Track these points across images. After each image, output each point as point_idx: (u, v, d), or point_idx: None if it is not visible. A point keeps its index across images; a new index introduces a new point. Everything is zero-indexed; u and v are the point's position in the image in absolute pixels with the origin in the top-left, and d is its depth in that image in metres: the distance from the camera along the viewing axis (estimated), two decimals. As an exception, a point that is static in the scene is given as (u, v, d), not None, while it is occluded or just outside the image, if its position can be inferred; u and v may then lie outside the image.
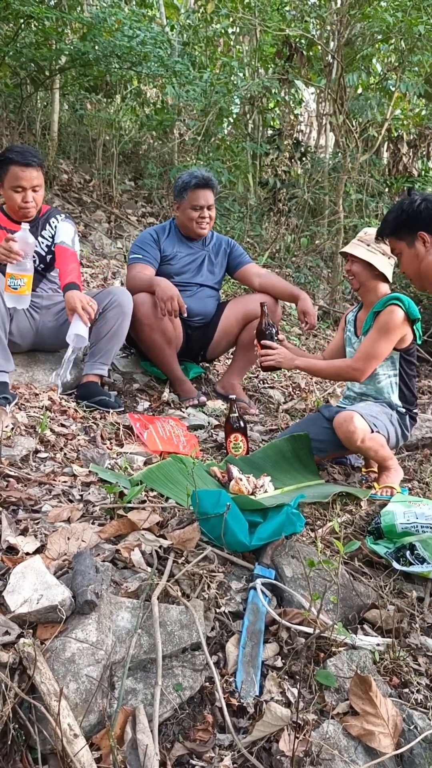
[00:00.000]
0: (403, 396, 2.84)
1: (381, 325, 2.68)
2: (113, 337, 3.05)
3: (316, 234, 7.08)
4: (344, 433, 2.56)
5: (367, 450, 2.61)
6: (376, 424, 2.62)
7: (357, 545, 1.72)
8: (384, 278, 2.82)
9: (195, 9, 7.57)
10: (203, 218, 3.46)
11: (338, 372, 2.83)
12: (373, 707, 1.48)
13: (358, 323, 2.97)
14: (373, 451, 2.62)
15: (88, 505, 2.07)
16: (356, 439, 2.54)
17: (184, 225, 3.51)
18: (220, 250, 3.65)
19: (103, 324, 3.03)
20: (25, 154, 2.87)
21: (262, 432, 3.26)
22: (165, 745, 1.37)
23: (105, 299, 3.05)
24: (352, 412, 2.57)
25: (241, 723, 1.45)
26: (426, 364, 5.59)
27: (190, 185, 3.41)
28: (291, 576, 1.88)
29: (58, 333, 3.05)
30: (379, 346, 2.68)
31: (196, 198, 3.41)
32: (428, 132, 8.08)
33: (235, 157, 7.11)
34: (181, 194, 3.44)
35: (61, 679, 1.33)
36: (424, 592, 2.04)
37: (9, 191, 2.91)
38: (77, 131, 7.07)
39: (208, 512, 1.90)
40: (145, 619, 1.53)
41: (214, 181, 3.49)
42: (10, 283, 2.76)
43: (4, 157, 2.87)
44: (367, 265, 2.80)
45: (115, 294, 3.07)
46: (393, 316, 2.66)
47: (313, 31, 7.38)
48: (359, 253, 2.78)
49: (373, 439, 2.59)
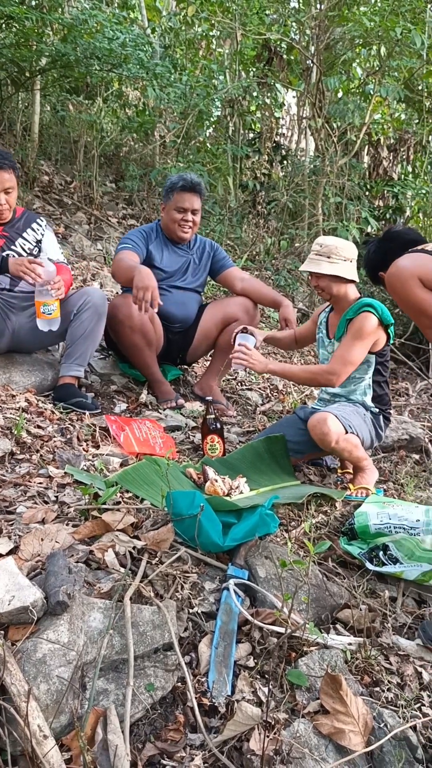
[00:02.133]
0: (376, 397, 2.87)
1: (355, 331, 2.70)
2: (88, 337, 3.05)
3: (296, 237, 7.12)
4: (318, 434, 2.58)
5: (341, 451, 2.63)
6: (350, 424, 2.64)
7: (327, 545, 1.74)
8: (351, 280, 2.84)
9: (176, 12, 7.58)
10: (186, 221, 3.42)
11: (313, 376, 2.81)
12: (343, 706, 1.49)
13: (330, 326, 2.99)
14: (348, 452, 2.64)
15: (63, 507, 2.07)
16: (330, 440, 2.56)
17: (167, 227, 3.48)
18: (204, 253, 3.64)
19: (78, 325, 3.03)
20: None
21: (239, 433, 3.27)
22: (136, 746, 1.38)
23: (79, 300, 3.05)
24: (326, 414, 2.59)
25: (213, 723, 1.46)
26: (404, 366, 5.65)
27: (177, 187, 3.38)
28: (264, 576, 1.89)
29: (34, 333, 3.05)
30: (354, 352, 2.70)
31: (182, 200, 3.38)
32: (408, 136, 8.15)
33: (216, 160, 7.13)
34: (168, 195, 3.43)
35: (32, 680, 1.33)
36: (397, 592, 2.07)
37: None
38: (58, 132, 7.04)
39: (182, 513, 1.91)
40: (118, 619, 1.53)
41: (202, 187, 3.45)
42: (43, 309, 2.88)
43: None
44: (334, 277, 2.77)
45: (89, 295, 3.07)
46: (366, 322, 2.68)
47: (293, 35, 7.42)
48: (324, 270, 2.74)
49: (348, 440, 2.61)
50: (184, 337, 3.61)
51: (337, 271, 2.74)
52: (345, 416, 2.65)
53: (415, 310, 2.04)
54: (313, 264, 2.78)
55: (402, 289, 2.03)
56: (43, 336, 3.06)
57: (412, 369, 5.53)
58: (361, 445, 2.68)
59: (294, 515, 2.38)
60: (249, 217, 7.39)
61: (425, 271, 2.01)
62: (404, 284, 2.01)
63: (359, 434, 2.67)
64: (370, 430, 2.78)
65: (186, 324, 3.57)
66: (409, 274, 2.01)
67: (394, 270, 2.06)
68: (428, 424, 3.94)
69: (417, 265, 2.03)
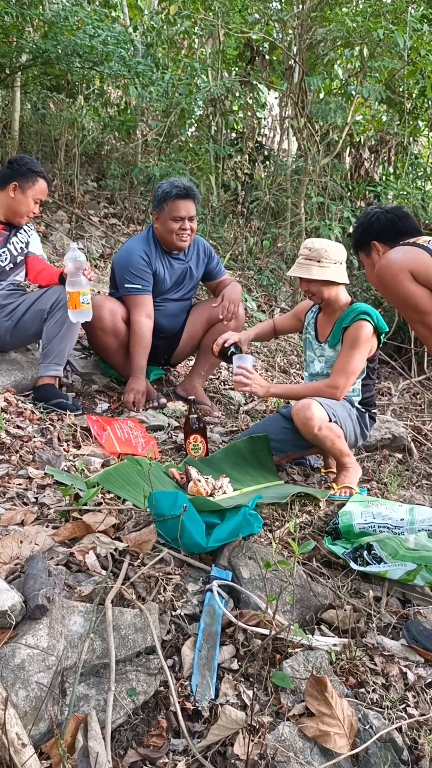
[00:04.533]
0: (364, 399, 2.86)
1: (352, 340, 2.69)
2: (64, 337, 3.00)
3: (278, 236, 7.11)
4: (301, 419, 2.55)
5: (323, 439, 2.59)
6: (335, 413, 2.63)
7: (312, 545, 1.72)
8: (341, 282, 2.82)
9: (158, 11, 7.54)
10: (184, 230, 3.26)
11: (317, 394, 2.72)
12: (328, 708, 1.47)
13: (319, 328, 2.96)
14: (330, 440, 2.60)
15: (43, 508, 2.03)
16: (313, 425, 2.53)
17: (163, 237, 3.31)
18: (199, 258, 3.52)
19: (53, 324, 2.99)
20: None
21: (222, 433, 3.24)
22: (118, 752, 1.34)
23: (51, 299, 3.00)
24: (310, 400, 2.57)
25: (196, 727, 1.43)
26: (386, 365, 5.66)
27: (170, 195, 3.21)
28: (248, 577, 1.87)
29: (13, 333, 3.02)
30: (353, 363, 2.69)
31: (177, 209, 3.21)
32: (389, 138, 8.18)
33: (198, 159, 7.10)
34: (161, 204, 3.24)
35: (10, 686, 1.29)
36: (381, 592, 2.05)
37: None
38: (39, 130, 6.96)
39: (164, 514, 1.89)
40: (99, 623, 1.50)
41: (195, 192, 3.29)
42: (82, 299, 2.89)
43: None
44: (325, 282, 2.74)
45: (61, 293, 3.01)
46: (362, 331, 2.68)
47: (276, 34, 7.42)
48: (315, 275, 2.70)
49: (330, 429, 2.59)
50: (170, 341, 3.58)
51: (328, 275, 2.71)
52: (330, 405, 2.63)
53: (404, 303, 2.01)
54: (303, 269, 2.73)
55: (392, 281, 2.00)
56: (20, 335, 3.04)
57: (394, 368, 5.55)
58: (344, 438, 2.66)
59: (278, 515, 2.36)
60: (231, 216, 7.37)
61: (416, 264, 1.99)
62: (395, 277, 1.98)
63: (343, 426, 2.66)
64: (354, 426, 2.77)
65: (173, 331, 3.54)
66: (399, 267, 1.98)
67: (385, 262, 2.03)
68: (411, 424, 3.95)
69: (408, 258, 2.00)
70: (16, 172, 3.05)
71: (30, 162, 3.10)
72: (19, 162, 3.08)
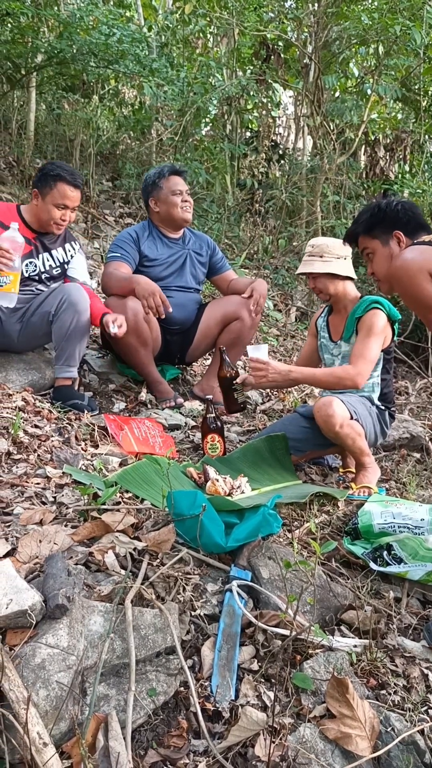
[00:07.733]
0: (382, 395, 2.84)
1: (367, 328, 2.67)
2: (72, 337, 2.96)
3: (294, 235, 7.09)
4: (323, 416, 2.53)
5: (345, 437, 2.57)
6: (356, 411, 2.60)
7: (333, 546, 1.70)
8: (348, 277, 2.81)
9: (173, 10, 7.54)
10: (186, 202, 3.44)
11: (338, 379, 2.65)
12: (349, 710, 1.46)
13: (331, 328, 2.95)
14: (351, 439, 2.58)
15: (62, 507, 2.03)
16: (335, 423, 2.51)
17: (168, 215, 3.45)
18: (202, 249, 3.61)
19: (60, 326, 2.95)
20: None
21: (240, 433, 3.23)
22: (138, 752, 1.34)
23: (55, 301, 2.97)
24: (332, 397, 2.55)
25: (217, 728, 1.42)
26: (403, 364, 5.62)
27: (163, 174, 3.42)
28: (267, 577, 1.86)
29: (24, 335, 3.03)
30: (372, 348, 2.66)
31: (175, 183, 3.42)
32: (404, 136, 8.13)
33: (213, 158, 7.10)
34: (156, 185, 3.42)
35: (31, 686, 1.29)
36: (401, 593, 2.03)
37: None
38: (54, 131, 7.00)
39: (183, 513, 1.87)
40: (119, 623, 1.49)
41: (185, 169, 3.54)
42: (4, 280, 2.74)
43: None
44: (329, 276, 2.78)
45: (64, 293, 2.98)
46: (377, 318, 2.66)
47: (291, 33, 7.39)
48: (318, 269, 2.75)
49: (352, 426, 2.56)
50: (184, 338, 3.57)
51: (330, 268, 2.74)
52: (351, 403, 2.61)
53: (422, 304, 1.97)
54: (306, 265, 2.79)
55: (410, 282, 1.96)
56: (30, 337, 3.04)
57: (411, 367, 5.51)
58: (364, 436, 2.64)
59: (296, 515, 2.34)
60: (247, 215, 7.36)
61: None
62: (412, 278, 1.95)
63: (363, 423, 2.63)
64: (374, 424, 2.74)
65: (186, 325, 3.53)
66: (417, 268, 1.95)
67: (402, 262, 2.00)
68: (428, 423, 3.91)
69: (426, 258, 1.97)
70: (37, 178, 3.03)
71: (50, 166, 3.01)
72: (42, 167, 3.04)
